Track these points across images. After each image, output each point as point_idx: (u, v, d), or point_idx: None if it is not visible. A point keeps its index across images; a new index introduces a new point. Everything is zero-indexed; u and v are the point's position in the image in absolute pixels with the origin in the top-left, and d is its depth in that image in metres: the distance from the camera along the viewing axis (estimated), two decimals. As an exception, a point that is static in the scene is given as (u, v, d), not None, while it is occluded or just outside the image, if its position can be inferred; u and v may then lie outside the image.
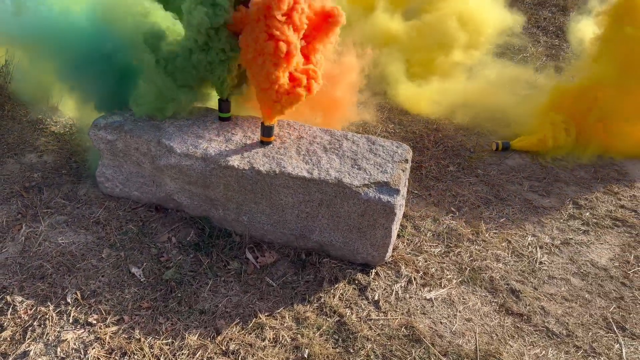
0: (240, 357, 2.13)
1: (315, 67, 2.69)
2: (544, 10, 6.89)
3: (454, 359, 2.22)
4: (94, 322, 2.20)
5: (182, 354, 2.12)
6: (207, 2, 2.53)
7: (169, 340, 2.17)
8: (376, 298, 2.46)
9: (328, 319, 2.33)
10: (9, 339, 2.10)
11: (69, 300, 2.28)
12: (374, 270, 2.61)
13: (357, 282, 2.53)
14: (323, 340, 2.23)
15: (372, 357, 2.18)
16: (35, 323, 2.17)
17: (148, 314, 2.27)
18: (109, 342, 2.13)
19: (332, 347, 2.20)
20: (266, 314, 2.33)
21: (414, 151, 3.33)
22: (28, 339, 2.11)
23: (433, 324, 2.37)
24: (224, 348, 2.16)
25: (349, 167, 2.61)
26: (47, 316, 2.20)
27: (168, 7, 2.92)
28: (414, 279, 2.59)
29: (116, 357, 2.08)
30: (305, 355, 2.16)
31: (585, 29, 4.76)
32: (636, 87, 3.84)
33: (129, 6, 2.82)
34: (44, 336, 2.13)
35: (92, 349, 2.10)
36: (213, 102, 3.04)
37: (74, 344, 2.11)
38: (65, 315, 2.22)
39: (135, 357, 2.09)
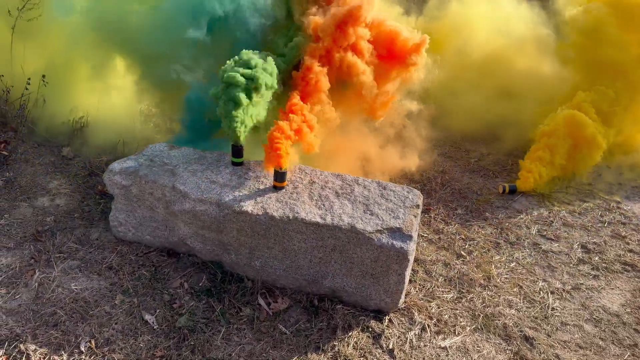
0: (255, 408, 2.10)
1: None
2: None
3: (471, 409, 2.19)
4: (108, 371, 2.18)
5: (197, 404, 2.09)
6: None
7: (183, 391, 2.14)
8: (390, 346, 2.44)
9: (343, 368, 2.31)
10: (21, 389, 2.08)
11: (82, 348, 2.26)
12: (387, 317, 2.60)
13: (370, 329, 2.52)
14: (338, 390, 2.20)
15: (388, 408, 2.16)
16: (48, 372, 2.15)
17: (161, 362, 2.25)
18: (122, 393, 2.10)
19: (348, 398, 2.18)
20: (280, 363, 2.31)
21: (422, 194, 3.36)
22: (41, 389, 2.09)
23: (448, 373, 2.35)
24: (238, 398, 2.13)
25: (362, 213, 2.64)
26: (61, 365, 2.18)
27: None
28: (428, 326, 2.58)
29: (130, 408, 2.06)
30: (321, 406, 2.13)
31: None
32: None
33: None
34: (57, 386, 2.11)
35: (106, 399, 2.07)
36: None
37: (87, 394, 2.09)
38: (78, 364, 2.20)
39: (149, 408, 2.06)
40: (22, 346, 2.24)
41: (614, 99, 4.32)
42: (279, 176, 2.76)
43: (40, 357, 2.20)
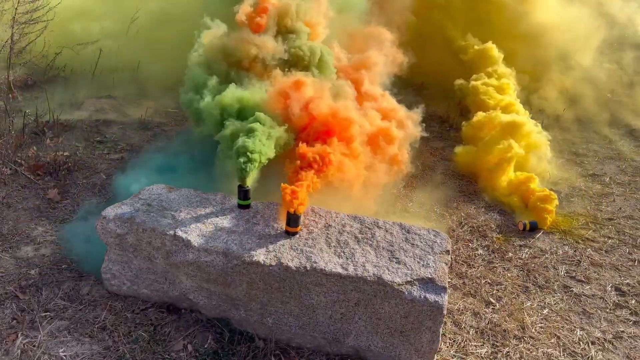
0: None
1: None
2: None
3: None
4: None
5: None
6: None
7: None
8: (428, 416, 2.14)
9: None
10: None
11: None
12: (419, 379, 2.30)
13: (403, 395, 2.22)
14: None
15: None
16: None
17: None
18: None
19: None
20: None
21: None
22: None
23: None
24: None
25: (387, 261, 2.37)
26: None
27: None
28: (466, 389, 2.29)
29: None
30: None
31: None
32: None
33: None
34: None
35: None
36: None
37: None
38: None
39: None
40: None
41: None
42: (293, 220, 2.49)
43: None
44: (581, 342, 2.68)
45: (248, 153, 2.63)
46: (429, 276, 2.28)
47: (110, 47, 5.24)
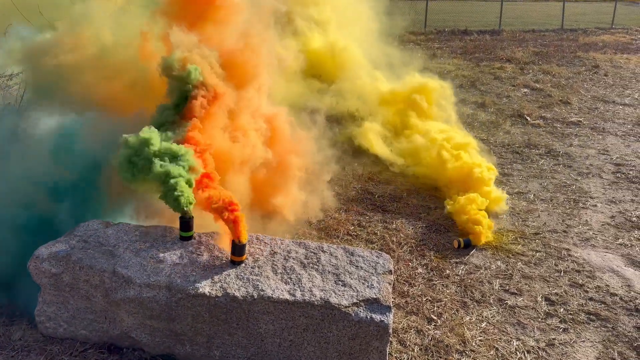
0: None
1: None
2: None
3: None
4: None
5: None
6: None
7: None
8: None
9: None
10: None
11: None
12: (370, 400, 2.33)
13: (355, 418, 2.24)
14: None
15: None
16: None
17: None
18: None
19: None
20: None
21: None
22: None
23: None
24: None
25: (333, 284, 2.41)
26: None
27: None
28: (415, 406, 2.34)
29: None
30: None
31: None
32: None
33: None
34: None
35: None
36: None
37: None
38: None
39: None
40: None
41: None
42: (238, 249, 2.49)
43: None
44: (518, 352, 2.82)
45: (180, 181, 2.56)
46: (374, 296, 2.34)
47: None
